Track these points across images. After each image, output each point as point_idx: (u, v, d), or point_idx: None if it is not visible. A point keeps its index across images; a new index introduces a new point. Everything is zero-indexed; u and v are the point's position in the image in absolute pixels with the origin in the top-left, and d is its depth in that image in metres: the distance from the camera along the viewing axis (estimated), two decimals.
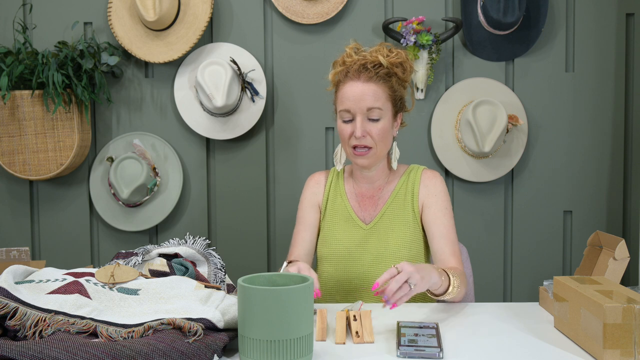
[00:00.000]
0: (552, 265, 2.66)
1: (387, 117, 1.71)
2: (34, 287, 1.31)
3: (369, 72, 1.68)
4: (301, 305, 1.14)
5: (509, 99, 2.59)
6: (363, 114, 1.68)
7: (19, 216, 2.68)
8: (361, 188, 1.83)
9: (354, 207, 1.81)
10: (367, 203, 1.81)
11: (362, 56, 1.70)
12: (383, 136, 1.70)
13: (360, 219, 1.78)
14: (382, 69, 1.69)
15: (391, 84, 1.70)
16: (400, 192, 1.79)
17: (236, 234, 2.67)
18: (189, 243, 1.64)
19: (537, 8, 2.57)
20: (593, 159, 2.64)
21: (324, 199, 1.84)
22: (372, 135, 1.69)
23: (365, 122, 1.69)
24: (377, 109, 1.68)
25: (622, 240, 1.60)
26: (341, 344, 1.29)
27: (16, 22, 2.59)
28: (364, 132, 1.68)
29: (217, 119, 2.58)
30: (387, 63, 1.69)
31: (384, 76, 1.69)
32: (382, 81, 1.68)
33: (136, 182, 2.52)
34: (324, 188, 1.86)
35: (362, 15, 2.61)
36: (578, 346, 1.27)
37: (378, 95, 1.68)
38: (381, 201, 1.80)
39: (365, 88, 1.68)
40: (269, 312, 1.11)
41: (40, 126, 2.50)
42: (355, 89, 1.68)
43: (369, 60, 1.69)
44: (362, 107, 1.67)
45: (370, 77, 1.68)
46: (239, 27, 2.63)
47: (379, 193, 1.81)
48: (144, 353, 1.09)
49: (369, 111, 1.68)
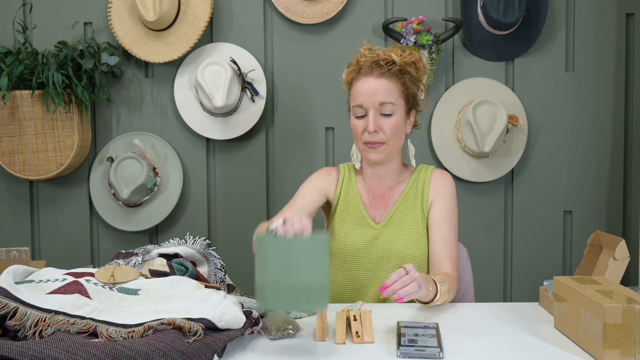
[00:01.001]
0: (552, 265, 2.66)
1: (400, 113, 1.71)
2: (34, 287, 1.31)
3: (381, 68, 1.69)
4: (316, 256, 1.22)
5: (509, 99, 2.59)
6: (376, 109, 1.69)
7: (19, 216, 2.68)
8: (372, 187, 1.83)
9: (365, 205, 1.81)
10: (378, 202, 1.81)
11: (375, 54, 1.72)
12: (396, 131, 1.71)
13: (371, 218, 1.79)
14: (394, 66, 1.70)
15: (404, 81, 1.71)
16: (411, 191, 1.80)
17: (236, 234, 2.67)
18: (189, 243, 1.64)
19: (537, 8, 2.57)
20: (593, 159, 2.64)
21: (337, 194, 1.84)
22: (385, 130, 1.70)
23: (377, 117, 1.69)
24: (389, 103, 1.68)
25: (622, 240, 1.60)
26: (341, 344, 1.29)
27: (16, 22, 2.59)
28: (376, 127, 1.69)
29: (217, 119, 2.58)
30: (400, 61, 1.70)
31: (397, 73, 1.70)
32: (394, 77, 1.70)
33: (136, 182, 2.52)
34: (336, 183, 1.85)
35: (362, 15, 2.61)
36: (578, 346, 1.27)
37: (390, 90, 1.69)
38: (392, 200, 1.80)
39: (378, 83, 1.69)
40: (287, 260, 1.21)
41: (40, 126, 2.50)
42: (368, 84, 1.69)
43: (381, 57, 1.71)
44: (374, 102, 1.68)
45: (382, 73, 1.69)
46: (239, 27, 2.63)
47: (390, 192, 1.81)
48: (144, 353, 1.09)
49: (382, 106, 1.68)
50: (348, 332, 1.35)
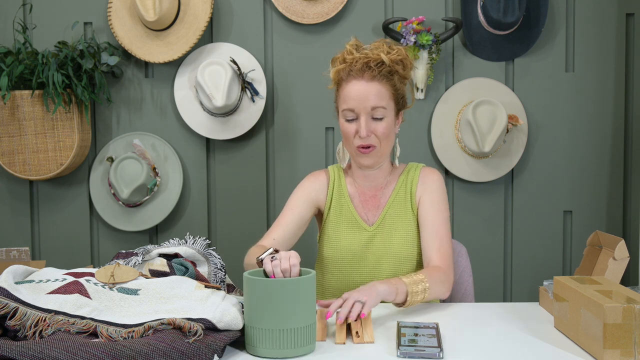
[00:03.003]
0: (552, 265, 2.66)
1: (391, 116, 1.70)
2: (34, 287, 1.31)
3: (372, 70, 1.66)
4: (303, 296, 1.21)
5: (509, 99, 2.59)
6: (367, 113, 1.67)
7: (19, 216, 2.68)
8: (363, 188, 1.82)
9: (357, 208, 1.80)
10: (369, 204, 1.80)
11: (364, 54, 1.68)
12: (387, 135, 1.70)
13: (364, 221, 1.77)
14: (384, 67, 1.67)
15: (393, 82, 1.70)
16: (401, 191, 1.79)
17: (236, 234, 2.67)
18: (189, 243, 1.64)
19: (537, 8, 2.57)
20: (593, 159, 2.64)
21: (328, 200, 1.82)
22: (377, 134, 1.68)
23: (369, 121, 1.67)
24: (381, 108, 1.67)
25: (622, 240, 1.60)
26: (341, 344, 1.29)
27: (16, 22, 2.59)
28: (368, 131, 1.67)
29: (217, 119, 2.58)
30: (389, 61, 1.68)
31: (387, 74, 1.68)
32: (385, 80, 1.68)
33: (136, 182, 2.52)
34: (326, 188, 1.83)
35: (362, 15, 2.61)
36: (578, 346, 1.27)
37: (382, 95, 1.67)
38: (383, 201, 1.79)
39: (370, 87, 1.67)
40: (271, 302, 1.20)
41: (40, 126, 2.50)
42: (359, 87, 1.67)
43: (371, 58, 1.67)
44: (366, 107, 1.66)
45: (374, 76, 1.67)
46: (239, 27, 2.63)
47: (380, 193, 1.80)
48: (144, 353, 1.09)
49: (373, 110, 1.67)
50: (348, 332, 1.35)
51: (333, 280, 1.78)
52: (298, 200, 1.81)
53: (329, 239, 1.79)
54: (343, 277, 1.76)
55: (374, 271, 1.74)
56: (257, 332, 1.21)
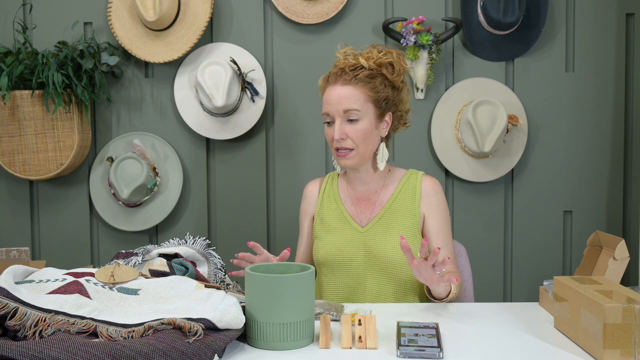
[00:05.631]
0: (552, 265, 2.67)
1: (368, 118, 1.72)
2: (34, 287, 1.31)
3: (346, 75, 1.72)
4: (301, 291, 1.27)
5: (509, 99, 2.59)
6: (341, 116, 1.72)
7: (19, 216, 2.68)
8: (356, 191, 1.84)
9: (350, 210, 1.82)
10: (363, 206, 1.81)
11: (346, 60, 1.75)
12: (363, 137, 1.72)
13: (355, 222, 1.79)
14: (362, 71, 1.72)
15: (373, 85, 1.72)
16: (400, 196, 1.79)
17: (236, 234, 2.67)
18: (189, 243, 1.64)
19: (537, 8, 2.57)
20: (593, 159, 2.64)
21: (317, 206, 1.87)
22: (351, 137, 1.72)
23: (344, 125, 1.72)
24: (354, 110, 1.71)
25: (622, 240, 1.60)
26: (347, 348, 1.28)
27: (16, 22, 2.59)
28: (342, 134, 1.71)
29: (217, 119, 2.58)
30: (369, 64, 1.72)
31: (364, 78, 1.71)
32: (361, 83, 1.71)
33: (136, 182, 2.52)
34: (317, 196, 1.89)
35: (362, 15, 2.61)
36: (578, 346, 1.27)
37: (355, 97, 1.71)
38: (378, 204, 1.80)
39: (342, 91, 1.72)
40: (271, 297, 1.26)
41: (40, 126, 2.50)
42: (333, 92, 1.74)
43: (349, 64, 1.73)
44: (339, 110, 1.72)
45: (347, 80, 1.72)
46: (239, 27, 2.63)
47: (376, 196, 1.81)
48: (144, 353, 1.09)
49: (347, 113, 1.71)
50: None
51: (327, 282, 1.79)
52: (302, 222, 1.93)
53: (318, 241, 1.82)
54: (336, 277, 1.78)
55: (366, 273, 1.75)
56: (258, 325, 1.27)
